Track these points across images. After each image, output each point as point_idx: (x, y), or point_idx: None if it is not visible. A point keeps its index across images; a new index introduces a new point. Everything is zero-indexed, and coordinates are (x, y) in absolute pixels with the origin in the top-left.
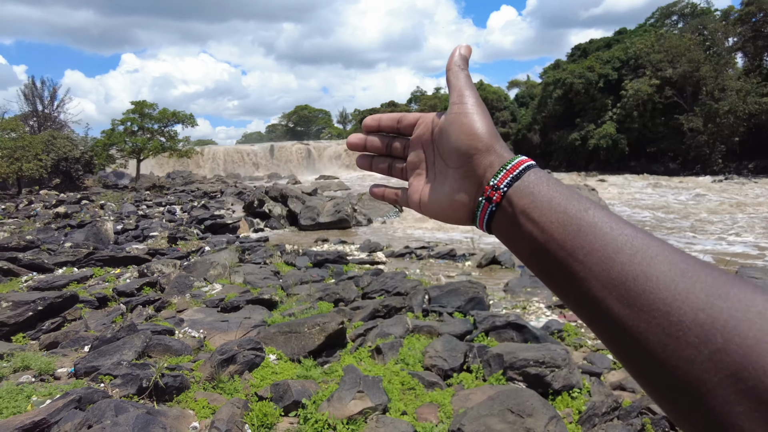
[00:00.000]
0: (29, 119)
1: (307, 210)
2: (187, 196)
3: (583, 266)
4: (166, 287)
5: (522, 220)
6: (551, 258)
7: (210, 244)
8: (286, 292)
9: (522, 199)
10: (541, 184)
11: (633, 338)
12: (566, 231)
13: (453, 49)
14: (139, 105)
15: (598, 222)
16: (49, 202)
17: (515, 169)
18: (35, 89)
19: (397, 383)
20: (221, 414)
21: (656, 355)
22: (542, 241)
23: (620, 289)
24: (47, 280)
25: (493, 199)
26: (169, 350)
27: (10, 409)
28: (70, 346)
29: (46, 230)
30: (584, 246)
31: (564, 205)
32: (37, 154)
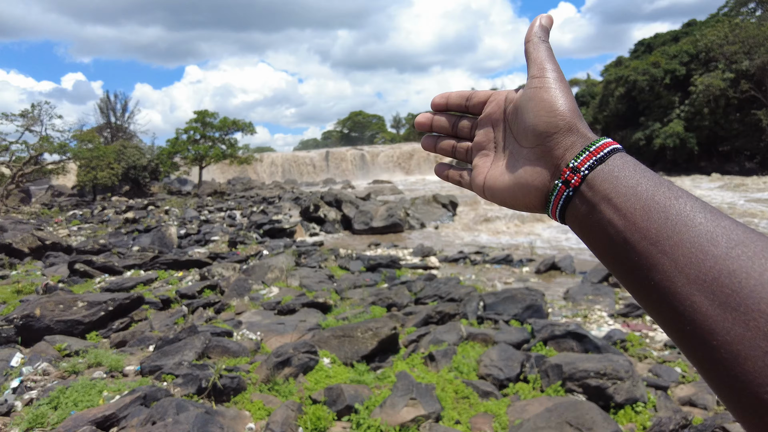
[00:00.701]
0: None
1: (360, 214)
2: (247, 201)
3: (669, 258)
4: (226, 290)
5: (602, 206)
6: (632, 249)
7: (268, 248)
8: (340, 295)
9: (604, 183)
10: (627, 169)
11: (723, 343)
12: (651, 218)
13: (533, 20)
14: (201, 114)
15: (690, 211)
16: (120, 208)
17: (599, 151)
18: (109, 102)
19: (451, 391)
20: (276, 416)
21: (752, 365)
22: (622, 229)
23: (712, 286)
24: (117, 281)
25: (572, 182)
26: (228, 352)
27: (85, 402)
28: (136, 345)
29: (116, 234)
30: (672, 236)
31: (652, 191)
32: (109, 163)
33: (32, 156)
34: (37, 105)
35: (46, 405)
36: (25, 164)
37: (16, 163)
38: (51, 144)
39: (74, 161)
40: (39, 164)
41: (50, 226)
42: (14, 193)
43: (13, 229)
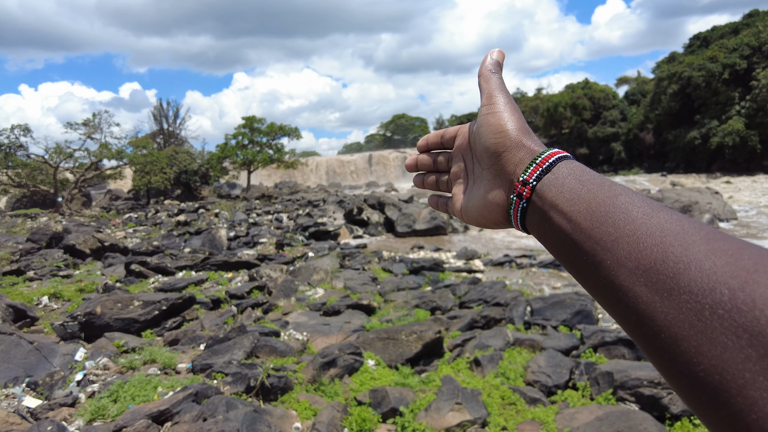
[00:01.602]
0: (157, 137)
1: (403, 217)
2: (293, 204)
3: (611, 254)
4: (273, 291)
5: (551, 213)
6: (578, 249)
7: (313, 250)
8: (384, 298)
9: (551, 192)
10: (572, 175)
11: (662, 327)
12: (593, 218)
13: (486, 55)
14: (249, 120)
15: (629, 207)
16: (172, 211)
17: (545, 162)
18: (162, 110)
19: (497, 397)
20: (322, 416)
21: (688, 343)
22: (569, 232)
23: (649, 274)
24: (170, 282)
25: (524, 194)
26: (275, 351)
27: (141, 396)
28: (188, 344)
29: (169, 237)
30: (612, 233)
31: (594, 192)
32: (162, 168)
33: (93, 162)
34: (97, 114)
35: (106, 398)
36: (87, 170)
37: (78, 168)
38: (109, 150)
39: (130, 166)
40: (99, 170)
41: (108, 229)
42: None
43: (76, 231)
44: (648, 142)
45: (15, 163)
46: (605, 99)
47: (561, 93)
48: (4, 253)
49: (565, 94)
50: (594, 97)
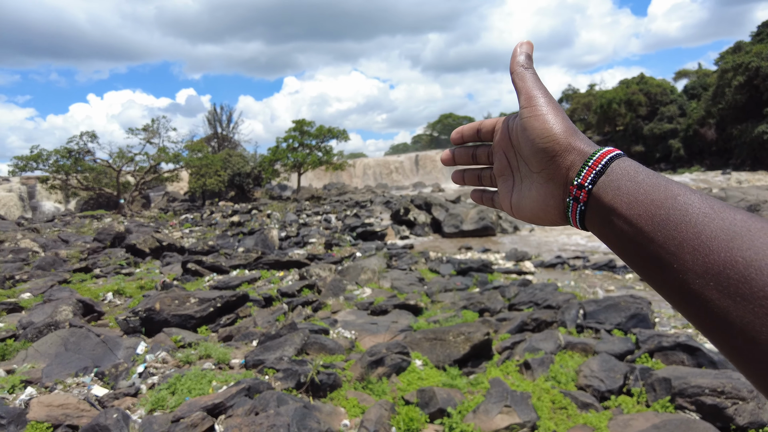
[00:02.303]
0: (211, 140)
1: (450, 217)
2: (341, 205)
3: (676, 258)
4: (323, 289)
5: (611, 217)
6: (644, 253)
7: (361, 250)
8: (431, 298)
9: (608, 195)
10: (627, 176)
11: (739, 331)
12: (654, 222)
13: (513, 49)
14: (299, 123)
15: (690, 208)
16: (226, 212)
17: (598, 164)
18: (216, 114)
19: (547, 401)
20: (370, 414)
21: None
22: (632, 236)
23: (719, 279)
24: (224, 280)
25: (580, 198)
26: (324, 349)
27: (197, 390)
28: (241, 340)
29: (223, 237)
30: (675, 236)
31: (652, 194)
32: (216, 171)
33: (152, 165)
34: (156, 120)
35: (165, 390)
36: (146, 173)
37: (139, 172)
38: (167, 154)
39: (186, 169)
40: (157, 173)
41: (166, 229)
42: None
43: (137, 232)
44: (710, 138)
45: (83, 167)
46: (662, 94)
47: (615, 89)
48: (75, 251)
49: (619, 90)
50: (650, 92)
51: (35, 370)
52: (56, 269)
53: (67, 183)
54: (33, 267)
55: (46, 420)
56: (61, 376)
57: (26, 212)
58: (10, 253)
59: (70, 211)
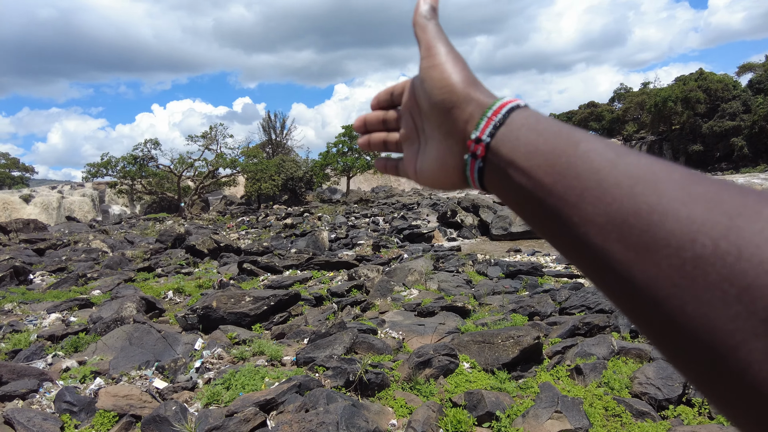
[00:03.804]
0: (266, 147)
1: (498, 219)
2: (389, 208)
3: (577, 209)
4: (371, 290)
5: (510, 170)
6: (543, 207)
7: (408, 252)
8: (479, 301)
9: (506, 147)
10: (527, 125)
11: (644, 288)
12: (554, 171)
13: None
14: (348, 129)
15: (592, 155)
16: (280, 215)
17: (497, 114)
18: (270, 121)
19: (600, 408)
20: (417, 415)
21: (671, 303)
22: (531, 189)
23: (621, 229)
24: (277, 280)
25: (478, 153)
26: (372, 348)
27: (251, 385)
28: (293, 338)
29: (277, 238)
30: (575, 186)
31: (552, 142)
32: (271, 175)
33: (210, 171)
34: (214, 127)
35: (220, 385)
36: (205, 178)
37: (198, 177)
38: (225, 160)
39: (242, 174)
40: (215, 177)
41: (223, 231)
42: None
43: (196, 233)
44: None
45: (147, 173)
46: (724, 90)
47: (670, 86)
48: (139, 252)
49: (675, 88)
50: (710, 88)
51: (103, 362)
52: (122, 268)
53: (133, 188)
54: (102, 266)
55: (113, 409)
56: (126, 368)
57: (97, 215)
58: (83, 252)
59: (135, 214)
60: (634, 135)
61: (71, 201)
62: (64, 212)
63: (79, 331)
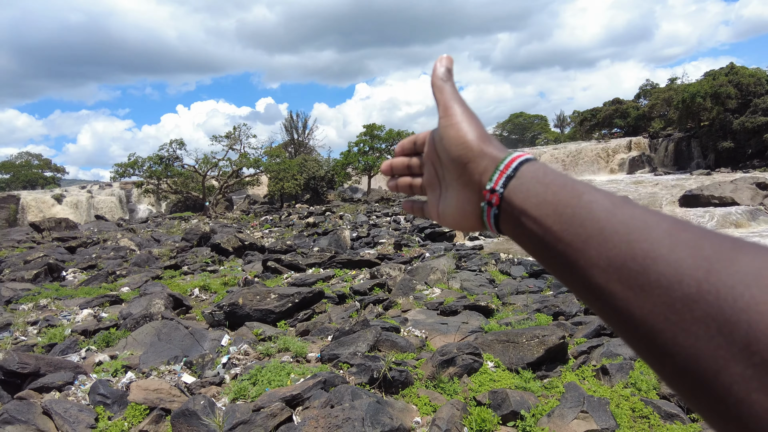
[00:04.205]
0: (288, 146)
1: None
2: None
3: (582, 254)
4: (393, 288)
5: (522, 219)
6: (553, 252)
7: (429, 251)
8: (502, 300)
9: (518, 197)
10: (535, 178)
11: (640, 321)
12: (562, 220)
13: (434, 64)
14: (370, 128)
15: (593, 205)
16: (302, 214)
17: (508, 168)
18: (292, 121)
19: (627, 409)
20: (442, 413)
21: (665, 336)
22: (541, 236)
23: (621, 272)
24: (301, 278)
25: (493, 202)
26: (396, 346)
27: (276, 381)
28: (317, 335)
29: (299, 237)
30: (581, 233)
31: (559, 194)
32: (293, 175)
33: (234, 170)
34: (237, 127)
35: (246, 381)
36: (229, 177)
37: (222, 176)
38: (248, 160)
39: (266, 174)
40: (239, 177)
41: (247, 230)
42: (221, 201)
43: (221, 232)
44: None
45: (173, 172)
46: (756, 84)
47: (699, 82)
48: (165, 250)
49: (705, 83)
50: (741, 83)
51: (133, 357)
52: (150, 266)
53: (159, 187)
54: (130, 263)
55: (144, 402)
56: (155, 363)
57: (125, 214)
58: (112, 250)
59: (161, 213)
60: (661, 132)
61: (100, 200)
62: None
63: (110, 327)
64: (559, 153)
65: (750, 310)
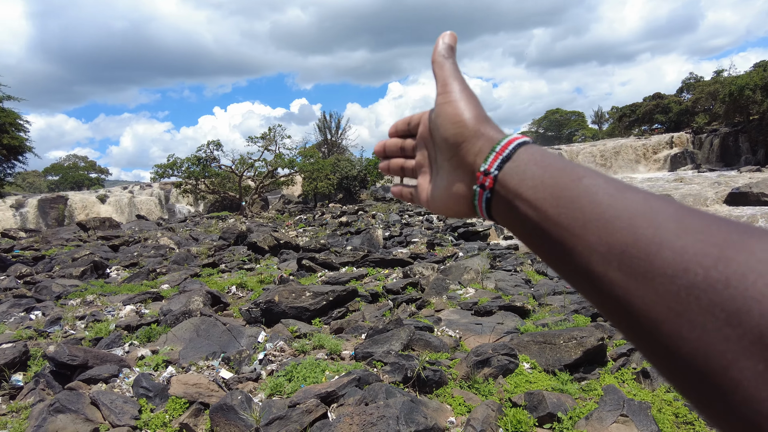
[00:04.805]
0: (321, 146)
1: None
2: None
3: (581, 240)
4: (426, 288)
5: (517, 202)
6: (548, 237)
7: (463, 250)
8: (538, 301)
9: (514, 180)
10: (533, 160)
11: (641, 312)
12: (560, 204)
13: (437, 40)
14: None
15: (594, 189)
16: (335, 213)
17: (505, 149)
18: (326, 122)
19: (669, 414)
20: (476, 414)
21: (668, 327)
22: (537, 220)
23: (622, 258)
24: (335, 276)
25: (486, 185)
26: (429, 346)
27: (311, 378)
28: (351, 333)
29: (333, 236)
30: (579, 218)
31: (556, 177)
32: (327, 175)
33: (269, 170)
34: (272, 128)
35: (282, 377)
36: (265, 177)
37: (258, 177)
38: (283, 160)
39: (300, 174)
40: (274, 177)
41: (282, 229)
42: (257, 201)
43: (257, 231)
44: None
45: (210, 173)
46: None
47: (748, 74)
48: (203, 248)
49: (754, 75)
50: None
51: (174, 352)
52: (188, 264)
53: (197, 187)
54: (170, 261)
55: (183, 396)
56: (194, 358)
57: (164, 214)
58: (152, 249)
59: (199, 213)
60: (705, 127)
61: (141, 200)
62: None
63: (152, 323)
64: (597, 150)
65: (764, 300)
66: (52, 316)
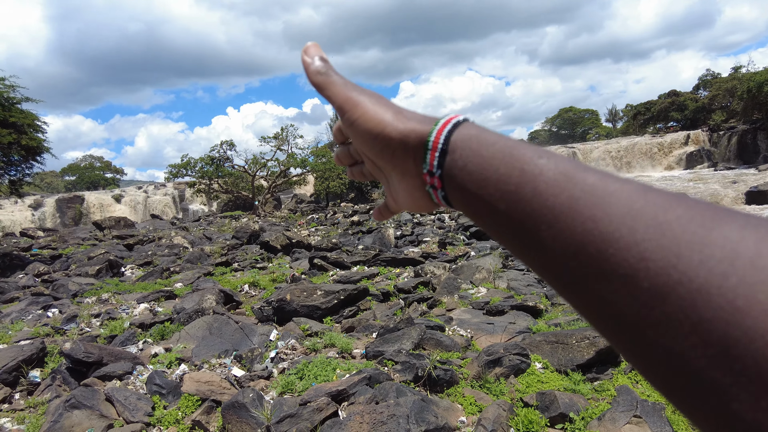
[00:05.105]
0: (333, 146)
1: None
2: None
3: (536, 236)
4: (437, 287)
5: (464, 196)
6: (504, 231)
7: (475, 250)
8: (551, 301)
9: (457, 176)
10: (470, 149)
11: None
12: (507, 199)
13: (302, 59)
14: None
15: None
16: (347, 213)
17: (437, 144)
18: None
19: None
20: (488, 413)
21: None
22: (490, 215)
23: (578, 259)
24: (346, 275)
25: (435, 185)
26: (440, 345)
27: (322, 376)
28: (362, 332)
29: (345, 235)
30: (530, 212)
31: (499, 168)
32: (339, 174)
33: (282, 170)
34: (285, 128)
35: (294, 375)
36: (277, 177)
37: (271, 176)
38: (295, 160)
39: (312, 173)
40: (287, 177)
41: (295, 228)
42: (270, 200)
43: (269, 230)
44: None
45: (223, 173)
46: None
47: (767, 70)
48: (217, 247)
49: None
50: None
51: (186, 350)
52: (202, 263)
53: (210, 187)
54: (184, 260)
55: (196, 393)
56: (207, 356)
57: (178, 213)
58: (166, 248)
59: (212, 212)
60: (722, 125)
61: (155, 200)
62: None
63: (165, 321)
64: (611, 148)
65: (727, 305)
66: (68, 313)
